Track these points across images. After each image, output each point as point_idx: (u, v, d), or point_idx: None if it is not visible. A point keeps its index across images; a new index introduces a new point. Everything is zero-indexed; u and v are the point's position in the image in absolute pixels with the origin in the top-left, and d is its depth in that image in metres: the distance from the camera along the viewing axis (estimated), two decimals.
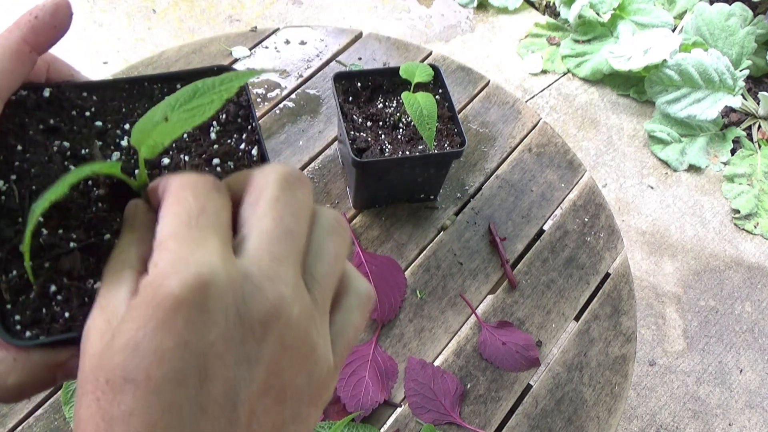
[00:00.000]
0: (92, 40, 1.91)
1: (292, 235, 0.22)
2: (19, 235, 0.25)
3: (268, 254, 0.21)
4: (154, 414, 0.18)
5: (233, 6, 2.06)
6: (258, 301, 0.20)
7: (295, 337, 0.21)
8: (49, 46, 0.26)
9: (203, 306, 0.19)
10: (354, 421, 0.73)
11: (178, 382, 0.19)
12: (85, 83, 0.29)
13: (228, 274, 0.20)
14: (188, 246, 0.20)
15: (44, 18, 0.25)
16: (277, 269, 0.21)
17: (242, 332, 0.20)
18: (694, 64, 1.82)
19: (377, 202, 0.91)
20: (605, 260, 0.91)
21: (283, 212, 0.22)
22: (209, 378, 0.19)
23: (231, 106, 0.30)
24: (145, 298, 0.19)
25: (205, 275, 0.19)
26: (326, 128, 0.98)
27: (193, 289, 0.19)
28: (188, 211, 0.21)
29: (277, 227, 0.22)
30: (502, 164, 0.98)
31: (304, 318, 0.21)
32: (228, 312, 0.19)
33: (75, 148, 0.27)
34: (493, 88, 1.07)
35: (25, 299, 0.24)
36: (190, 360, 0.19)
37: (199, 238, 0.20)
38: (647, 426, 1.42)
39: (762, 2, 2.05)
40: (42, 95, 0.27)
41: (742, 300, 1.62)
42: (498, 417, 0.77)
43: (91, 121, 0.28)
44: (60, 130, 0.27)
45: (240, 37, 1.08)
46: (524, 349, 0.81)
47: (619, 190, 1.78)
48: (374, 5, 2.13)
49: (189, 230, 0.21)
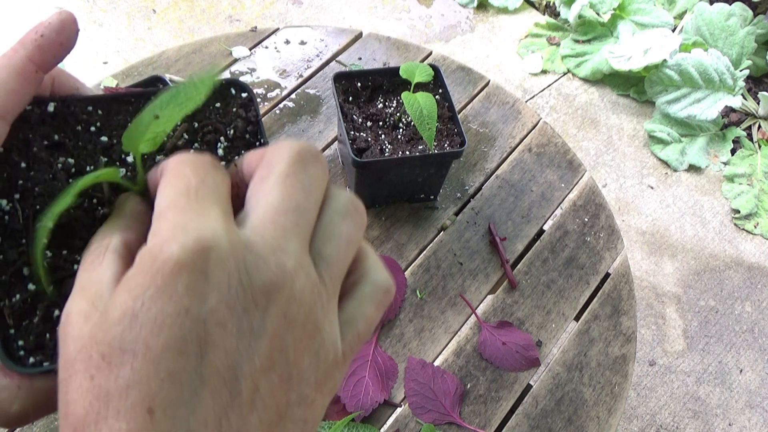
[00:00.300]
0: (92, 40, 1.91)
1: (299, 210, 0.21)
2: (23, 257, 0.24)
3: (272, 225, 0.21)
4: (154, 385, 0.18)
5: (233, 6, 2.06)
6: (261, 270, 0.19)
7: (299, 311, 0.20)
8: (55, 64, 0.26)
9: (204, 271, 0.19)
10: (354, 421, 0.73)
11: (179, 351, 0.18)
12: (90, 97, 0.28)
13: (230, 240, 0.19)
14: (188, 213, 0.20)
15: (50, 36, 0.25)
16: (281, 241, 0.20)
17: (244, 300, 0.19)
18: (694, 64, 1.82)
19: (377, 202, 0.91)
20: (605, 260, 0.91)
21: (292, 187, 0.22)
22: (210, 347, 0.18)
23: (239, 122, 0.29)
24: (143, 267, 0.19)
25: (206, 240, 0.19)
26: (326, 128, 0.98)
27: (193, 253, 0.18)
28: (187, 183, 0.21)
29: (284, 201, 0.21)
30: (502, 164, 0.98)
31: (308, 292, 0.21)
32: (230, 279, 0.19)
33: (80, 165, 0.26)
34: (493, 88, 1.07)
35: (28, 324, 0.24)
36: (191, 327, 0.18)
37: (199, 207, 0.20)
38: (647, 426, 1.42)
39: (762, 2, 2.05)
40: (46, 110, 0.27)
41: (742, 300, 1.62)
42: (498, 417, 0.77)
43: (97, 136, 0.27)
44: (65, 146, 0.26)
45: (240, 37, 1.08)
46: (524, 349, 0.81)
47: (619, 190, 1.78)
48: (374, 5, 2.13)
49: (188, 200, 0.20)
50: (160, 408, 0.18)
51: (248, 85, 0.29)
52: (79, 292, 0.21)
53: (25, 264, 0.24)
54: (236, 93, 0.29)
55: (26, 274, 0.24)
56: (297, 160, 0.22)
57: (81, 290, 0.21)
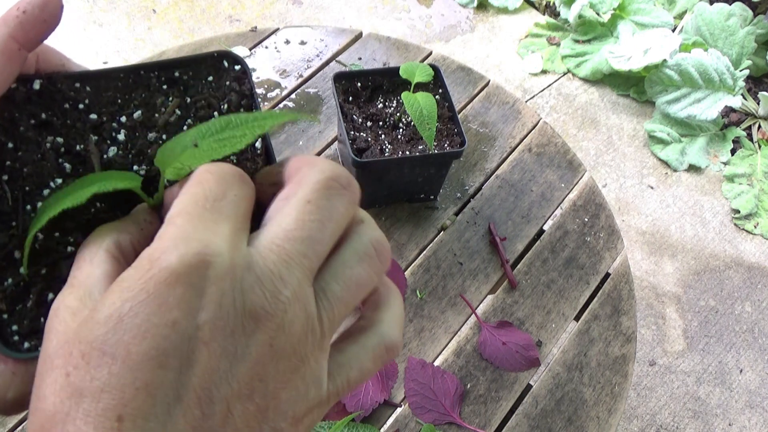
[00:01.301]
0: (92, 40, 1.92)
1: (310, 240, 0.21)
2: (13, 240, 0.24)
3: (278, 250, 0.20)
4: (128, 393, 0.17)
5: (233, 6, 2.06)
6: (255, 294, 0.19)
7: (286, 342, 0.20)
8: (39, 42, 0.24)
9: (199, 286, 0.18)
10: (354, 421, 0.73)
11: (159, 363, 0.18)
12: (78, 73, 0.26)
13: (231, 259, 0.19)
14: (197, 224, 0.19)
15: (33, 12, 0.23)
16: (282, 268, 0.20)
17: (233, 323, 0.19)
18: (694, 64, 1.82)
19: (377, 202, 0.91)
20: (605, 260, 0.91)
21: (309, 215, 0.21)
22: (191, 364, 0.18)
23: (233, 95, 0.28)
24: (139, 270, 0.19)
25: (206, 255, 0.18)
26: (326, 128, 0.98)
27: (191, 266, 0.18)
28: (206, 192, 0.20)
29: (297, 229, 0.21)
30: (502, 164, 0.98)
31: (299, 326, 0.20)
32: (223, 298, 0.19)
33: (69, 144, 0.25)
34: (493, 88, 1.07)
35: (22, 308, 0.23)
36: (176, 341, 0.18)
37: (211, 219, 0.20)
38: (647, 426, 1.42)
39: (762, 2, 2.05)
40: (32, 87, 0.25)
41: (742, 300, 1.62)
42: (498, 417, 0.77)
43: (86, 113, 0.26)
44: (52, 124, 0.25)
45: (240, 37, 1.08)
46: (524, 349, 0.81)
47: (619, 190, 1.78)
48: (374, 5, 2.13)
49: (202, 210, 0.20)
50: (131, 418, 0.17)
51: (240, 57, 0.28)
52: (69, 287, 0.21)
53: (17, 247, 0.24)
54: (229, 66, 0.28)
55: (18, 257, 0.24)
56: (323, 186, 0.21)
57: (71, 286, 0.21)
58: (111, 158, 0.26)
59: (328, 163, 0.22)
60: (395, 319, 0.24)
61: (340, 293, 0.22)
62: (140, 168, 0.26)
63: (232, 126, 0.23)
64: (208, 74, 0.28)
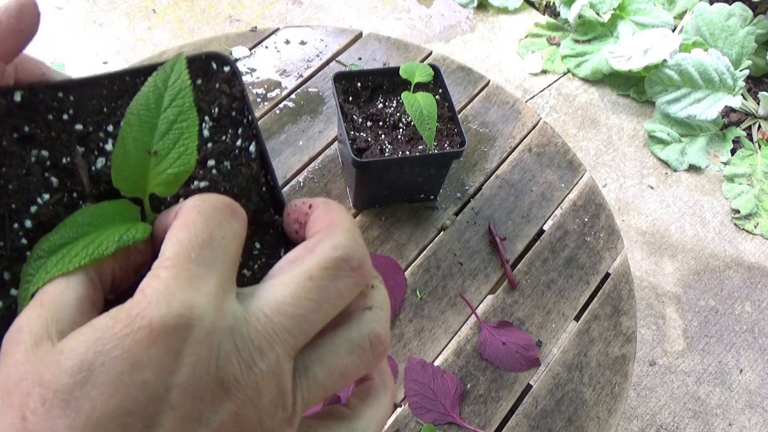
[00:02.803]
0: (92, 40, 1.92)
1: (301, 320, 0.20)
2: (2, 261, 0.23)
3: (264, 322, 0.19)
4: None
5: (233, 6, 2.06)
6: (231, 363, 0.18)
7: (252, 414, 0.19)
8: (17, 53, 0.23)
9: (176, 349, 0.18)
10: None
11: (123, 423, 0.17)
12: (60, 83, 0.25)
13: (213, 323, 0.18)
14: (181, 280, 0.19)
15: (8, 22, 0.22)
16: (264, 342, 0.19)
17: (204, 389, 0.18)
18: (694, 64, 1.82)
19: (377, 202, 0.91)
20: (605, 260, 0.91)
21: (307, 294, 0.20)
22: (155, 426, 0.17)
23: (224, 98, 0.26)
24: (118, 323, 0.18)
25: (188, 318, 0.18)
26: (326, 128, 0.98)
27: (171, 328, 0.18)
28: (192, 239, 0.20)
29: (291, 305, 0.20)
30: (502, 164, 0.98)
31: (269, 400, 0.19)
32: (198, 363, 0.18)
33: (55, 157, 0.24)
34: (493, 88, 1.07)
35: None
36: (143, 402, 0.17)
37: (196, 275, 0.19)
38: (647, 426, 1.42)
39: (762, 2, 2.05)
40: (13, 99, 0.24)
41: (742, 300, 1.62)
42: (498, 417, 0.77)
43: (70, 124, 0.25)
44: (36, 137, 0.24)
45: (240, 37, 1.08)
46: (524, 349, 0.81)
47: (619, 190, 1.78)
48: (374, 5, 2.14)
49: (188, 263, 0.19)
50: None
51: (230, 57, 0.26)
52: (36, 305, 0.20)
53: (5, 268, 0.23)
54: (218, 68, 0.27)
55: (7, 279, 0.22)
56: (331, 266, 0.21)
57: (39, 304, 0.20)
58: (100, 170, 0.25)
59: (347, 237, 0.21)
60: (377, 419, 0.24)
61: (322, 378, 0.21)
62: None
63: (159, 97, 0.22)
64: (196, 77, 0.26)
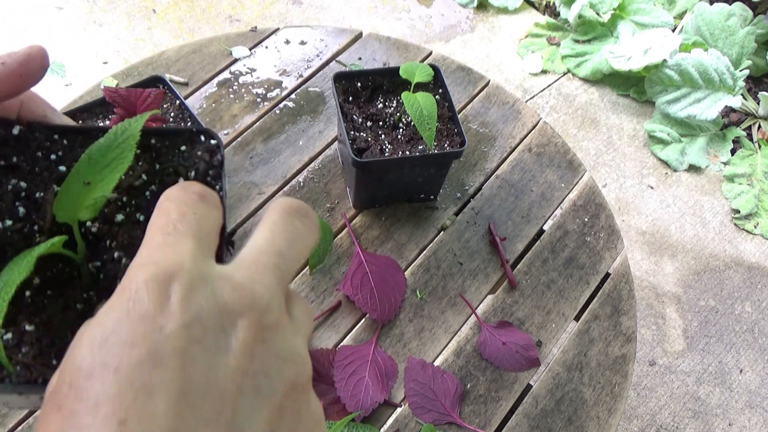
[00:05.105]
0: (92, 40, 1.91)
1: (280, 255, 0.22)
2: None
3: (253, 263, 0.21)
4: (127, 397, 0.17)
5: (233, 6, 2.06)
6: (233, 292, 0.20)
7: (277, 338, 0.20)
8: (13, 94, 0.25)
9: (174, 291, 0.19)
10: (354, 421, 0.73)
11: (153, 364, 0.18)
12: (57, 126, 0.28)
13: (199, 268, 0.20)
14: (160, 248, 0.20)
15: (11, 66, 0.24)
16: (257, 275, 0.21)
17: (218, 320, 0.19)
18: (694, 64, 1.82)
19: (377, 202, 0.91)
20: (605, 260, 0.91)
21: (278, 234, 0.23)
22: (187, 361, 0.18)
23: (202, 165, 0.29)
24: (115, 300, 0.19)
25: (173, 269, 0.19)
26: (326, 128, 0.98)
27: (162, 275, 0.19)
28: (166, 220, 0.21)
29: (268, 244, 0.22)
30: (502, 164, 0.98)
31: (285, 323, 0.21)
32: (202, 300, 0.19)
33: (31, 190, 0.26)
34: (493, 88, 1.07)
35: None
36: (166, 342, 0.18)
37: (173, 242, 0.20)
38: (647, 426, 1.42)
39: (762, 2, 2.05)
40: (11, 132, 0.27)
41: (742, 300, 1.62)
42: (498, 417, 0.77)
43: (56, 164, 0.27)
44: (21, 169, 0.26)
45: (240, 37, 1.08)
46: (524, 349, 0.81)
47: (619, 190, 1.78)
48: (374, 5, 2.13)
49: (165, 236, 0.21)
50: (134, 418, 0.17)
51: (217, 134, 0.29)
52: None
53: None
54: (205, 139, 0.29)
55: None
56: (285, 213, 0.24)
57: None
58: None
59: (291, 198, 0.25)
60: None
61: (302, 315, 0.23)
62: (92, 225, 0.26)
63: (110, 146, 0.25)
64: (182, 144, 0.29)
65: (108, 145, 0.25)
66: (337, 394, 0.75)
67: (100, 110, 0.86)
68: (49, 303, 0.25)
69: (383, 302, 0.81)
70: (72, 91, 1.75)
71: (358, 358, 0.78)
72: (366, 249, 0.87)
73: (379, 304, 0.81)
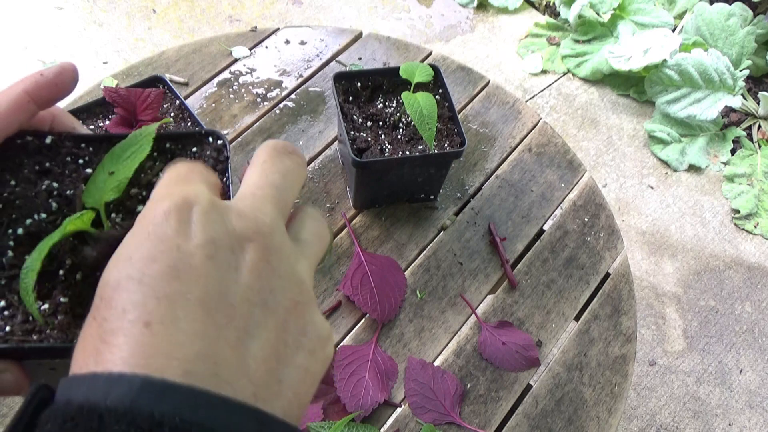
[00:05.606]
0: (92, 40, 1.91)
1: (275, 186, 0.25)
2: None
3: (251, 196, 0.24)
4: (150, 304, 0.19)
5: (233, 6, 2.06)
6: (241, 220, 0.22)
7: (280, 261, 0.23)
8: (50, 101, 0.30)
9: (190, 218, 0.21)
10: (354, 421, 0.73)
11: (173, 276, 0.20)
12: (84, 135, 0.32)
13: (211, 198, 0.22)
14: (176, 184, 0.23)
15: (48, 76, 0.29)
16: (258, 205, 0.24)
17: (229, 242, 0.22)
18: (694, 64, 1.82)
19: (377, 202, 0.91)
20: (605, 260, 0.91)
21: (269, 170, 0.25)
22: (203, 276, 0.20)
23: (210, 161, 0.33)
24: (137, 225, 0.21)
25: (190, 196, 0.22)
26: (326, 128, 0.98)
27: (179, 205, 0.21)
28: (177, 172, 0.24)
29: (261, 179, 0.25)
30: (502, 164, 0.98)
31: (287, 249, 0.23)
32: (215, 224, 0.22)
33: (62, 188, 0.30)
34: (493, 88, 1.07)
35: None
36: (183, 258, 0.20)
37: (185, 181, 0.23)
38: (647, 426, 1.42)
39: (762, 2, 2.05)
40: (44, 141, 0.31)
41: (742, 300, 1.62)
42: (498, 417, 0.77)
43: (83, 168, 0.31)
44: (53, 171, 0.31)
45: (240, 37, 1.08)
46: (524, 349, 0.81)
47: (619, 190, 1.78)
48: (374, 5, 2.13)
49: (177, 179, 0.24)
50: (158, 322, 0.19)
51: (224, 134, 0.34)
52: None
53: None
54: (213, 140, 0.34)
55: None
56: (273, 151, 0.26)
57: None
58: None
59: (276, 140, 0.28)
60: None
61: (310, 238, 0.26)
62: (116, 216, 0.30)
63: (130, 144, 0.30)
64: (193, 146, 0.33)
65: (128, 143, 0.30)
66: (337, 394, 0.75)
67: (100, 110, 0.86)
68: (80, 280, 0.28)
69: (383, 302, 0.81)
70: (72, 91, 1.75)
71: (358, 358, 0.78)
72: (366, 249, 0.87)
73: (379, 304, 0.81)
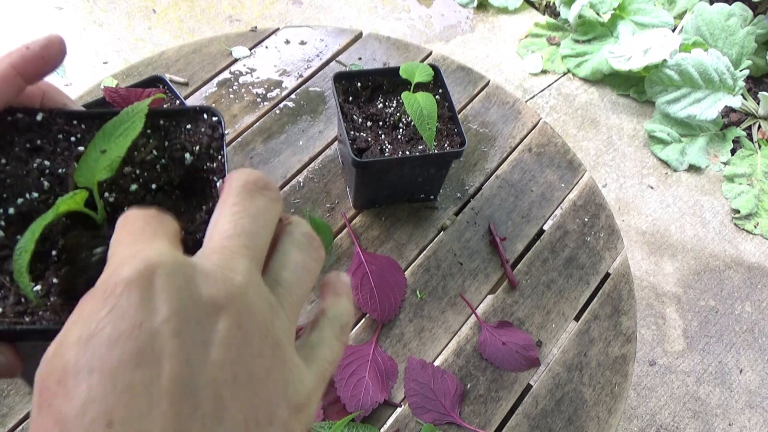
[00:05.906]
0: (92, 40, 1.91)
1: (246, 234, 0.22)
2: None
3: (220, 250, 0.22)
4: (112, 399, 0.18)
5: (233, 6, 2.06)
6: (209, 284, 0.20)
7: (254, 324, 0.21)
8: (38, 75, 0.28)
9: (153, 288, 0.19)
10: (354, 421, 0.73)
11: (135, 363, 0.18)
12: (76, 111, 0.31)
13: (175, 260, 0.20)
14: (135, 245, 0.21)
15: (34, 49, 0.28)
16: (228, 261, 0.21)
17: (196, 313, 0.20)
18: (694, 64, 1.82)
19: (377, 202, 0.91)
20: (605, 260, 0.91)
21: (238, 215, 0.23)
22: (167, 358, 0.18)
23: (205, 139, 0.32)
24: (96, 293, 0.19)
25: (152, 260, 0.20)
26: (326, 128, 0.98)
27: (141, 272, 0.19)
28: (133, 225, 0.22)
29: (231, 228, 0.22)
30: (502, 164, 0.98)
31: (263, 308, 0.21)
32: (180, 292, 0.19)
33: (54, 167, 0.29)
34: (493, 88, 1.07)
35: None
36: (146, 340, 0.18)
37: (145, 239, 0.21)
38: (647, 426, 1.42)
39: (762, 2, 2.05)
40: (35, 119, 0.30)
41: (742, 300, 1.62)
42: (498, 417, 0.77)
43: (75, 145, 0.30)
44: (44, 149, 0.30)
45: (240, 37, 1.08)
46: (524, 349, 0.81)
47: (619, 190, 1.78)
48: (374, 5, 2.13)
49: (135, 236, 0.22)
50: (120, 421, 0.17)
51: (218, 110, 0.33)
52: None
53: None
54: (208, 117, 0.32)
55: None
56: (243, 189, 0.24)
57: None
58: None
59: (247, 170, 0.25)
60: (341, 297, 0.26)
61: (293, 278, 0.24)
62: (110, 195, 0.29)
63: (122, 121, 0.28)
64: (187, 123, 0.32)
65: (120, 120, 0.28)
66: (337, 394, 0.75)
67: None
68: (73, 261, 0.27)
69: (383, 302, 0.82)
70: (72, 91, 1.75)
71: (358, 358, 0.78)
72: (366, 249, 0.87)
73: (379, 304, 0.81)
